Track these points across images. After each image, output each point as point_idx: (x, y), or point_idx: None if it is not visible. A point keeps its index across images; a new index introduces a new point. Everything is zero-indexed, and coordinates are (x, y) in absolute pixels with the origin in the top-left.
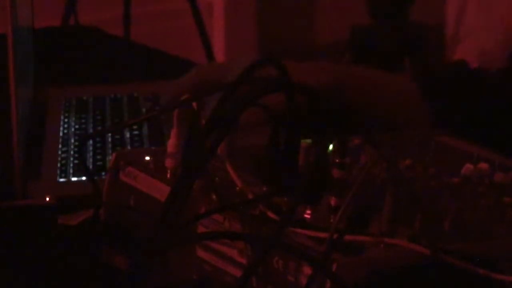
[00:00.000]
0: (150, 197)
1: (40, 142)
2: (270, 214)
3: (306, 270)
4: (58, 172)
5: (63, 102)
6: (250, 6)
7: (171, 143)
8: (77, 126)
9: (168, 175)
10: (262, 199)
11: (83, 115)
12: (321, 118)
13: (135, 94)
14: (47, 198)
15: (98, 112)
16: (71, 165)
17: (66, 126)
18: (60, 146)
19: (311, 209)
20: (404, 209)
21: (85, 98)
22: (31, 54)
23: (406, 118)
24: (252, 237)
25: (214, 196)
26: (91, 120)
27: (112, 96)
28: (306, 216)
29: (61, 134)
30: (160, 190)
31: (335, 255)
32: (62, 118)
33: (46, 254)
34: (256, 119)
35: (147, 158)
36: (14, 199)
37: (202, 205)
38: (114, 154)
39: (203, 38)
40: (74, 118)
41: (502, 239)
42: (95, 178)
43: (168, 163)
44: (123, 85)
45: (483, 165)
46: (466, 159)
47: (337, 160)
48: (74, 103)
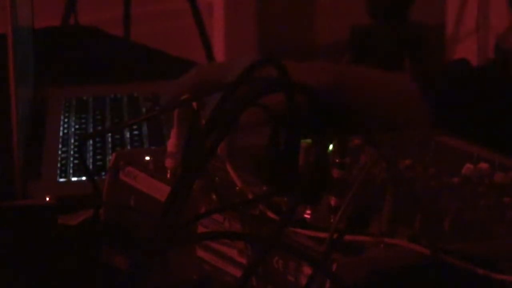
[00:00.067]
0: (150, 197)
1: (40, 142)
2: (270, 214)
3: (306, 270)
4: (58, 172)
5: (63, 102)
6: (250, 6)
7: (171, 143)
8: (77, 126)
9: (168, 175)
10: (262, 199)
11: (83, 115)
12: (321, 118)
13: (135, 94)
14: (47, 198)
15: (98, 112)
16: (71, 165)
17: (66, 126)
18: (60, 146)
19: (311, 209)
20: (404, 209)
21: (85, 98)
22: (31, 54)
23: (406, 118)
24: (252, 237)
25: (214, 196)
26: (91, 120)
27: (112, 96)
28: (306, 216)
29: (61, 134)
30: (160, 190)
31: (335, 255)
32: (62, 118)
33: (46, 254)
34: (256, 119)
35: (147, 158)
36: (14, 199)
37: (202, 205)
38: (114, 154)
39: (203, 38)
40: (74, 118)
41: (502, 239)
42: (95, 178)
43: (168, 163)
44: (123, 85)
45: (483, 165)
46: (466, 159)
47: (337, 160)
48: (74, 103)
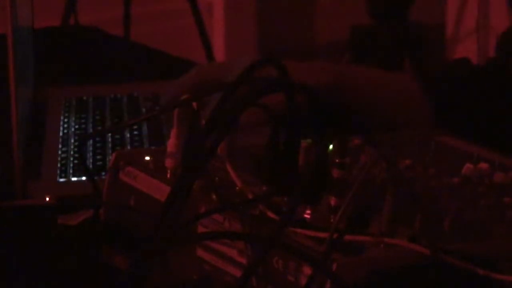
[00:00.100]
0: (150, 197)
1: (40, 142)
2: (270, 214)
3: (306, 270)
4: (58, 172)
5: (63, 102)
6: (250, 6)
7: (171, 143)
8: (77, 126)
9: (168, 175)
10: (262, 199)
11: (83, 115)
12: (321, 118)
13: (135, 94)
14: (47, 198)
15: (98, 112)
16: (71, 165)
17: (66, 126)
18: (60, 146)
19: (311, 209)
20: (404, 209)
21: (85, 98)
22: (31, 54)
23: (406, 118)
24: (252, 237)
25: (214, 196)
26: (91, 120)
27: (112, 96)
28: (306, 216)
29: (61, 134)
30: (160, 190)
31: (335, 255)
32: (62, 118)
33: (46, 254)
34: (256, 119)
35: (147, 158)
36: (14, 199)
37: (202, 205)
38: (114, 154)
39: (203, 38)
40: (74, 118)
41: (502, 239)
42: (95, 178)
43: (168, 163)
44: (123, 85)
45: (483, 165)
46: (466, 159)
47: (337, 160)
48: (74, 103)
